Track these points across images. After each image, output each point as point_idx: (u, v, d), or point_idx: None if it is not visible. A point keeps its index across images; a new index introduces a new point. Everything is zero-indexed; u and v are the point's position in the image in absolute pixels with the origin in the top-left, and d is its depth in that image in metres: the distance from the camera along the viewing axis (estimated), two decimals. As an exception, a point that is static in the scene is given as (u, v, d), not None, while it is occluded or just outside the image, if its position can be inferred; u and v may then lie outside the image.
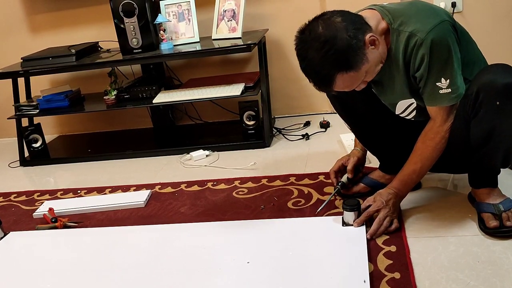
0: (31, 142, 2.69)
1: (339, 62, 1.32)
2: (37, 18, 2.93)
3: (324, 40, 1.31)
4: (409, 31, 1.36)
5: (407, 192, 1.58)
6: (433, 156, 1.48)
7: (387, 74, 1.47)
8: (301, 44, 1.36)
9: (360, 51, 1.33)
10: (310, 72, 1.37)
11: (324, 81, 1.36)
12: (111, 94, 2.60)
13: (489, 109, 1.34)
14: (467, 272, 1.31)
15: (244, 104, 2.49)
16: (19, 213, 2.07)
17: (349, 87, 1.41)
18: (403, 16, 1.39)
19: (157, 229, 1.75)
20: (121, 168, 2.45)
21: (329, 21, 1.33)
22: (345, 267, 1.37)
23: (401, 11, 1.41)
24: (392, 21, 1.40)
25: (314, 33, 1.33)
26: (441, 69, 1.36)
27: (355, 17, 1.37)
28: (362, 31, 1.34)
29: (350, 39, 1.31)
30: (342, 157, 1.82)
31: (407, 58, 1.40)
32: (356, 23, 1.34)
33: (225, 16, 2.54)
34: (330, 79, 1.35)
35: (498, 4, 2.49)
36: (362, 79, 1.40)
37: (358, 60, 1.34)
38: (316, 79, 1.37)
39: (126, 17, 2.43)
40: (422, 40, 1.34)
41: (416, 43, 1.36)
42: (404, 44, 1.38)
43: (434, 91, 1.40)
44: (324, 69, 1.33)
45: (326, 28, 1.32)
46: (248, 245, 1.55)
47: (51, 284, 1.50)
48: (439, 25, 1.34)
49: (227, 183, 2.07)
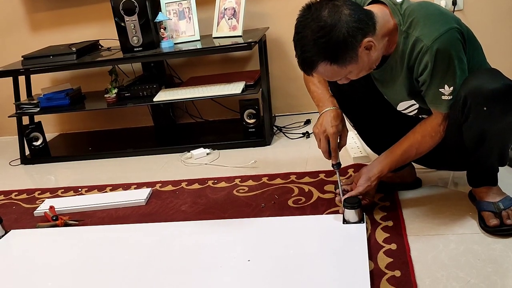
0: (32, 140, 2.69)
1: (326, 52, 1.32)
2: (38, 16, 2.93)
3: (322, 26, 1.30)
4: (416, 35, 1.35)
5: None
6: (426, 151, 1.50)
7: (389, 74, 1.47)
8: (302, 18, 1.35)
9: (352, 51, 1.32)
10: (298, 48, 1.36)
11: (306, 62, 1.36)
12: (112, 92, 2.60)
13: (477, 115, 1.33)
14: (467, 270, 1.31)
15: (245, 103, 2.49)
16: (20, 211, 2.07)
17: (329, 78, 1.43)
18: (412, 18, 1.36)
19: (158, 227, 1.76)
20: (122, 166, 2.46)
21: (336, 9, 1.31)
22: (345, 265, 1.37)
23: (412, 12, 1.38)
24: (402, 22, 1.38)
25: (317, 13, 1.31)
26: (444, 77, 1.35)
27: (365, 15, 1.34)
28: (364, 32, 1.32)
29: (347, 35, 1.30)
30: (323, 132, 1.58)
31: (411, 62, 1.39)
32: (361, 22, 1.32)
33: (226, 14, 2.53)
34: (312, 64, 1.35)
35: (499, 2, 2.49)
36: (345, 75, 1.40)
37: (346, 58, 1.33)
38: (300, 57, 1.37)
39: (127, 15, 2.43)
40: (428, 47, 1.32)
41: (421, 49, 1.34)
42: (410, 47, 1.37)
43: (436, 96, 1.39)
44: (310, 52, 1.33)
45: (330, 15, 1.30)
46: (248, 243, 1.56)
47: (51, 282, 1.50)
48: (446, 33, 1.32)
49: (228, 181, 2.07)
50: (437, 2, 2.51)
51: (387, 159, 1.56)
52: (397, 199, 1.70)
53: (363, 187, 1.58)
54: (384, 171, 1.57)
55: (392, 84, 1.49)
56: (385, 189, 1.73)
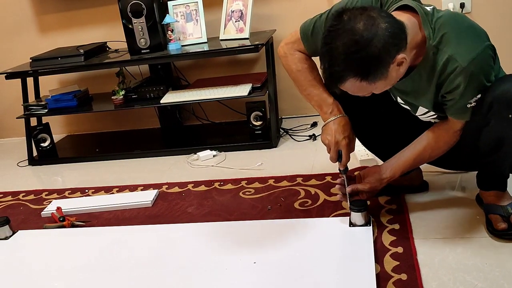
0: (39, 141, 2.70)
1: (358, 68, 1.24)
2: (46, 18, 2.95)
3: (356, 40, 1.20)
4: (449, 54, 1.27)
5: None
6: (439, 156, 1.48)
7: (411, 85, 1.39)
8: (333, 28, 1.24)
9: (385, 68, 1.25)
10: (326, 61, 1.28)
11: (334, 77, 1.28)
12: (119, 94, 2.61)
13: (500, 121, 1.30)
14: (474, 274, 1.30)
15: (251, 105, 2.49)
16: (28, 212, 2.08)
17: (355, 92, 1.34)
18: (444, 33, 1.28)
19: (164, 228, 1.76)
20: (129, 167, 2.46)
21: (372, 21, 1.21)
22: (351, 267, 1.37)
23: (443, 26, 1.29)
24: (431, 36, 1.29)
25: (352, 24, 1.21)
26: (474, 94, 1.31)
27: (399, 29, 1.25)
28: (398, 48, 1.24)
29: (382, 51, 1.21)
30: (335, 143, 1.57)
31: (441, 80, 1.32)
32: (396, 37, 1.23)
33: (233, 16, 2.54)
34: (341, 78, 1.27)
35: (507, 4, 2.48)
36: (370, 91, 1.33)
37: (378, 75, 1.25)
38: (328, 70, 1.28)
39: (134, 18, 2.44)
40: (462, 68, 1.26)
41: (455, 70, 1.27)
42: (441, 66, 1.30)
43: (463, 109, 1.34)
44: (340, 66, 1.24)
45: (365, 28, 1.20)
46: (254, 245, 1.55)
47: (58, 282, 1.51)
48: (482, 54, 1.26)
49: (234, 183, 2.07)
50: (445, 4, 2.51)
51: (400, 163, 1.53)
52: (404, 202, 1.70)
53: (371, 186, 1.56)
54: (396, 175, 1.55)
55: (414, 95, 1.44)
56: (392, 191, 1.72)
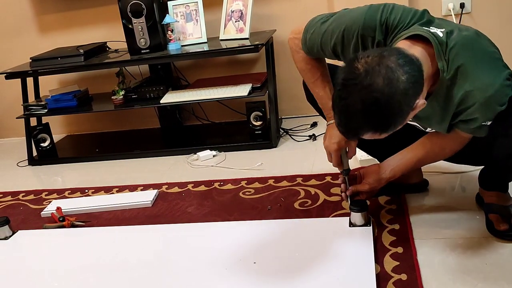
0: (39, 141, 2.70)
1: (378, 124, 1.15)
2: (46, 18, 2.95)
3: (376, 97, 1.10)
4: (466, 89, 1.21)
5: None
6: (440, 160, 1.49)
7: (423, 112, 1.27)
8: (348, 82, 1.14)
9: (404, 118, 1.17)
10: (342, 116, 1.18)
11: (351, 131, 1.20)
12: (119, 94, 2.61)
13: None
14: (474, 274, 1.30)
15: (251, 105, 2.49)
16: (27, 212, 2.08)
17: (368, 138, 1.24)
18: (459, 65, 1.21)
19: (164, 229, 1.76)
20: (129, 168, 2.46)
21: (392, 75, 1.10)
22: (351, 268, 1.37)
23: (457, 57, 1.21)
24: (445, 69, 1.22)
25: (371, 79, 1.10)
26: (490, 119, 1.26)
27: (418, 75, 1.15)
28: (417, 95, 1.16)
29: (404, 105, 1.13)
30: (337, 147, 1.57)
31: (457, 110, 1.27)
32: (416, 85, 1.14)
33: (233, 16, 2.54)
34: (358, 133, 1.19)
35: (507, 5, 2.48)
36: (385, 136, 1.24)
37: (397, 125, 1.17)
38: (345, 126, 1.19)
39: (134, 18, 2.44)
40: (481, 104, 1.21)
41: (473, 105, 1.22)
42: (458, 100, 1.24)
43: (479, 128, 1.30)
44: (358, 122, 1.15)
45: (386, 83, 1.10)
46: (254, 245, 1.55)
47: (58, 282, 1.51)
48: (500, 90, 1.19)
49: (234, 183, 2.07)
50: (445, 5, 2.51)
51: (401, 164, 1.52)
52: (404, 202, 1.70)
53: (370, 186, 1.56)
54: (396, 176, 1.54)
55: (426, 121, 1.40)
56: (391, 189, 1.71)
